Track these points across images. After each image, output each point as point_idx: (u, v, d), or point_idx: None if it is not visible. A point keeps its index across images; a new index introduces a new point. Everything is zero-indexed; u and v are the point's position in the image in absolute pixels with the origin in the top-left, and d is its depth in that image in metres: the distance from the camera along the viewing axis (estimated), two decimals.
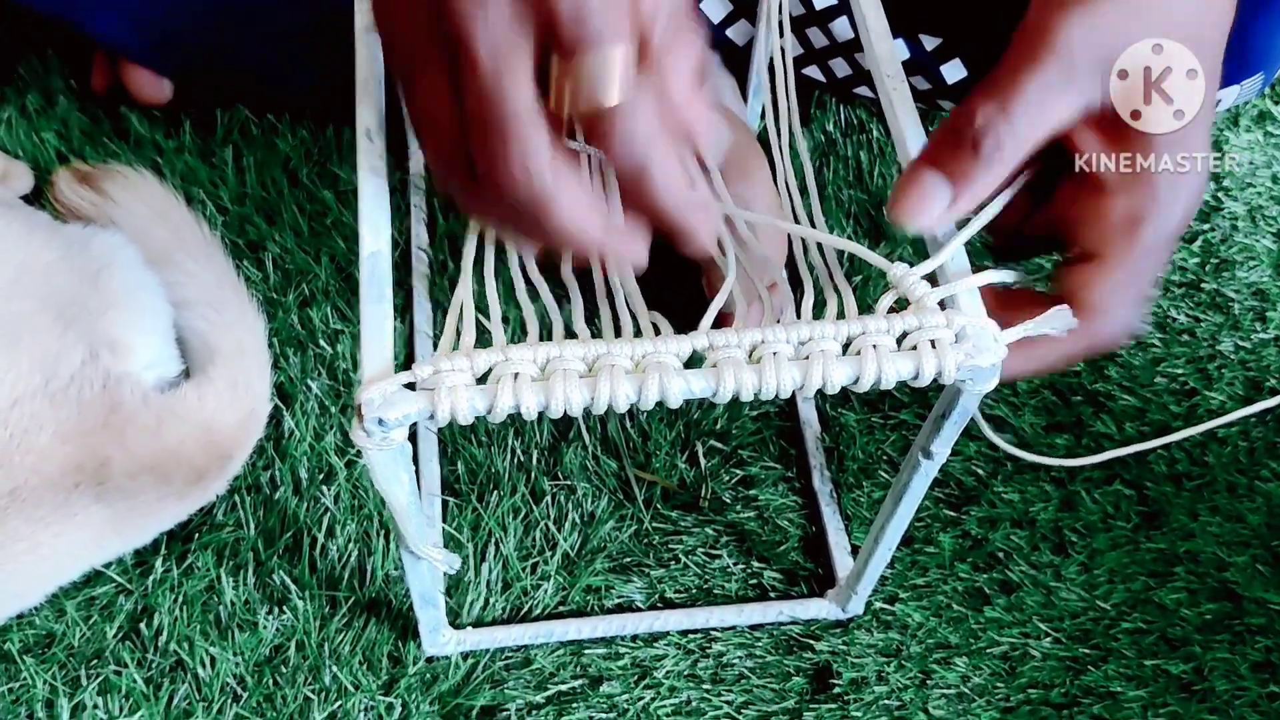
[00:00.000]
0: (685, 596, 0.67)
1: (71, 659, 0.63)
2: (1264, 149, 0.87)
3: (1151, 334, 0.77)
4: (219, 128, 0.82)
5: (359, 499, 0.68)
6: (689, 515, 0.70)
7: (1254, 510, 0.71)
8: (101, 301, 0.64)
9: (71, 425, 0.59)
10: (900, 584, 0.68)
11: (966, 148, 0.45)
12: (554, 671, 0.64)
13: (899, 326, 0.44)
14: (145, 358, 0.64)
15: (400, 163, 0.82)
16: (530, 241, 0.44)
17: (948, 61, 0.77)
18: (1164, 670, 0.66)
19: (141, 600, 0.65)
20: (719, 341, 0.44)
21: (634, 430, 0.72)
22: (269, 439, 0.69)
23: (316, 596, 0.65)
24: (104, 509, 0.60)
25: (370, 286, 0.45)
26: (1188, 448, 0.73)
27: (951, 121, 0.46)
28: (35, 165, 0.79)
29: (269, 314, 0.73)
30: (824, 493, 0.70)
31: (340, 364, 0.72)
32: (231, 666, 0.63)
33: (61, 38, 0.85)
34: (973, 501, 0.70)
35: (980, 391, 0.46)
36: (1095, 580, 0.68)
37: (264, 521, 0.67)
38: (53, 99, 0.83)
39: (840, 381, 0.44)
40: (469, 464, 0.70)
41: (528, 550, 0.68)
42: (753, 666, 0.65)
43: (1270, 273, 0.81)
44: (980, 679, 0.65)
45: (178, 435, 0.62)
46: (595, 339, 0.44)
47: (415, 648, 0.64)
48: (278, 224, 0.78)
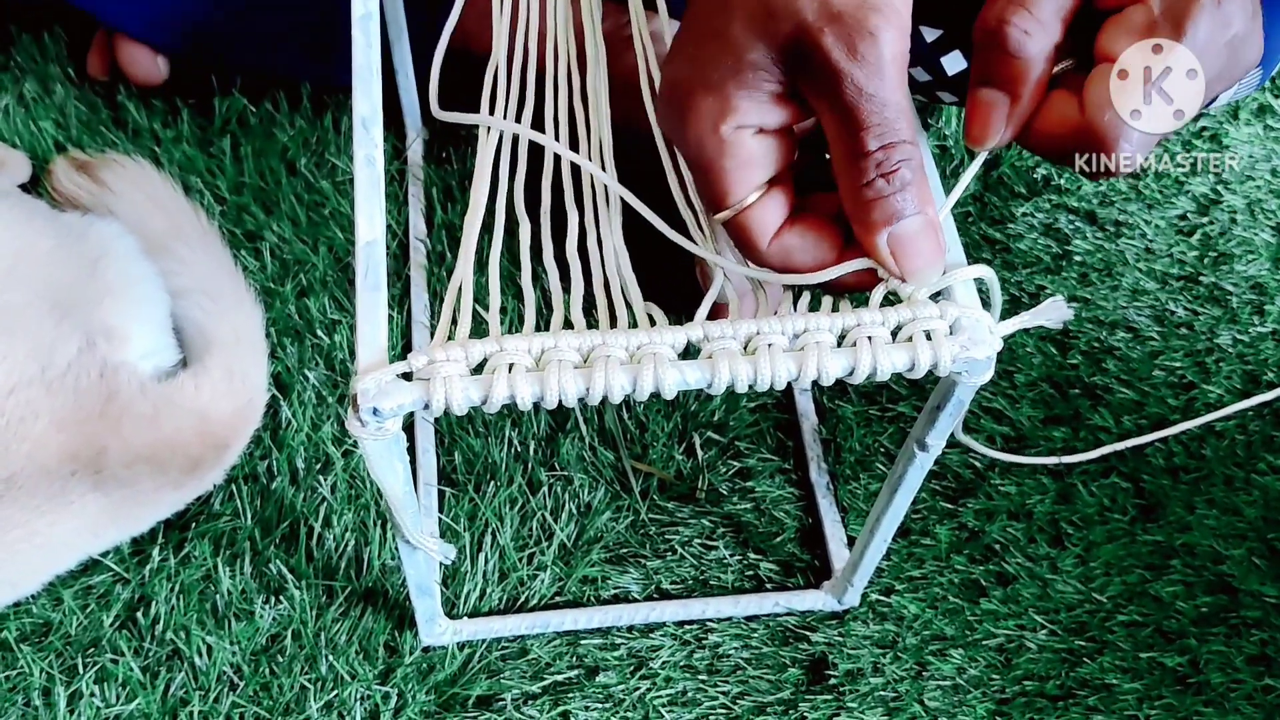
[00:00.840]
0: (681, 587, 0.67)
1: (68, 647, 0.63)
2: (1264, 143, 0.87)
3: (1149, 327, 0.77)
4: (217, 117, 0.82)
5: (356, 489, 0.68)
6: (685, 506, 0.70)
7: (1251, 503, 0.71)
8: (98, 290, 0.64)
9: (68, 413, 0.59)
10: (896, 576, 0.68)
11: (998, 52, 0.46)
12: (550, 662, 0.64)
13: (894, 319, 0.44)
14: (142, 346, 0.64)
15: (399, 153, 0.81)
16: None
17: (948, 53, 0.76)
18: (1159, 663, 0.66)
19: (138, 589, 0.65)
20: (714, 333, 0.44)
21: (631, 421, 0.72)
22: (266, 428, 0.69)
23: (313, 586, 0.65)
24: (100, 498, 0.60)
25: (366, 275, 0.45)
26: (1185, 441, 0.73)
27: (976, 38, 0.47)
28: (33, 154, 0.79)
29: (266, 304, 0.73)
30: (820, 484, 0.70)
31: (338, 354, 0.72)
32: (228, 655, 0.63)
33: (57, 22, 0.85)
34: (969, 494, 0.70)
35: (976, 384, 0.46)
36: (1091, 573, 0.68)
37: (261, 511, 0.67)
38: (50, 87, 0.83)
39: (835, 373, 0.44)
40: (466, 454, 0.70)
41: (524, 541, 0.68)
42: (749, 657, 0.65)
43: (1269, 266, 0.81)
44: (976, 671, 0.65)
45: (174, 424, 0.62)
46: (591, 329, 0.44)
47: (412, 637, 0.64)
48: (275, 213, 0.78)
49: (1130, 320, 0.78)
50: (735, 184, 0.46)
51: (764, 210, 0.46)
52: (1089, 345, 0.76)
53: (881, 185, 0.43)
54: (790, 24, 0.43)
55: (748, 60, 0.44)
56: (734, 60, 0.44)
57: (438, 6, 0.73)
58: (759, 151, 0.46)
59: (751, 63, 0.44)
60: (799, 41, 0.43)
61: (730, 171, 0.45)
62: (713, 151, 0.45)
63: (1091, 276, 0.80)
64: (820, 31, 0.43)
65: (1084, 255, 0.80)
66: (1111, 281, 0.79)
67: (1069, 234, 0.81)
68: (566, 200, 0.52)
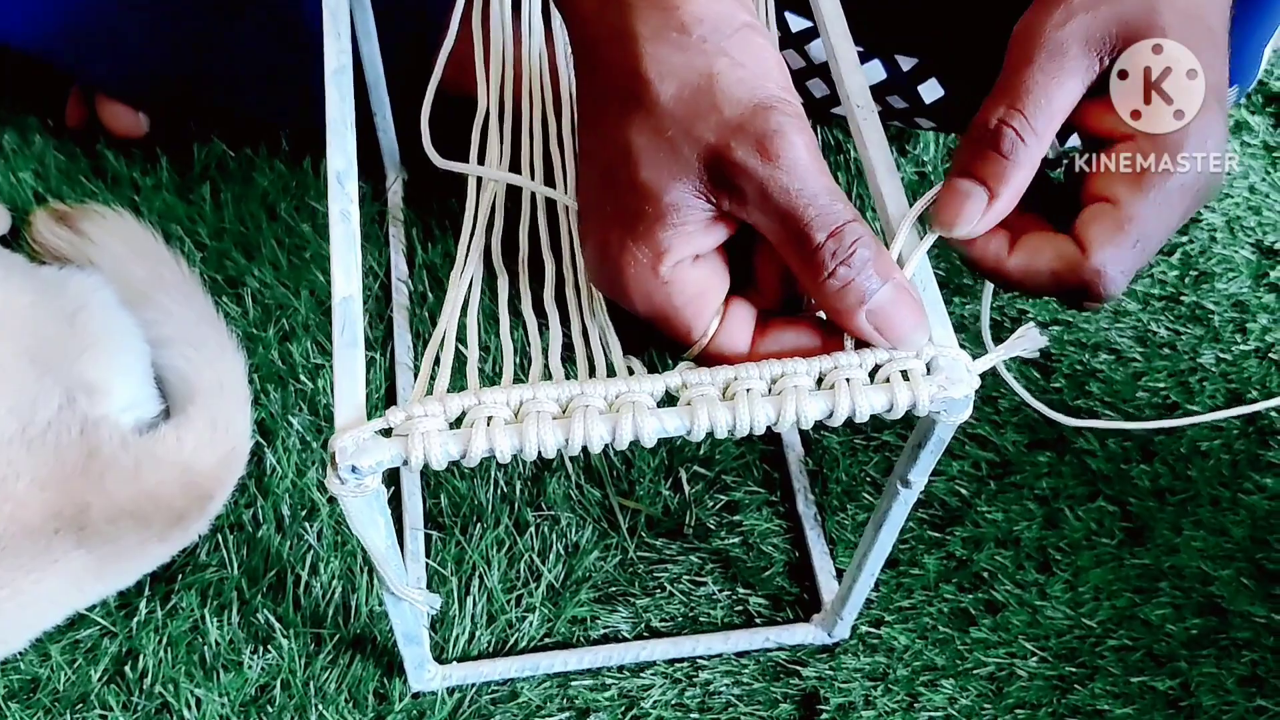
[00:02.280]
0: (671, 625, 0.67)
1: (57, 704, 0.63)
2: (1241, 159, 0.87)
3: (1132, 348, 0.78)
4: (196, 163, 0.82)
5: (342, 535, 0.68)
6: (674, 543, 0.70)
7: (1238, 523, 0.71)
8: (78, 344, 0.64)
9: (49, 471, 0.59)
10: (885, 607, 0.68)
11: (989, 150, 0.47)
12: (541, 704, 0.64)
13: (870, 360, 0.44)
14: (123, 399, 0.64)
15: (379, 194, 0.82)
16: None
17: (924, 82, 0.77)
18: (1151, 687, 0.66)
19: (126, 642, 0.64)
20: (692, 380, 0.44)
21: (617, 458, 0.72)
22: (251, 476, 0.69)
23: (301, 634, 0.65)
24: (85, 554, 0.60)
25: (343, 332, 0.45)
26: (1171, 463, 0.73)
27: (970, 133, 0.48)
28: (12, 205, 0.79)
29: (249, 349, 0.73)
30: (808, 516, 0.70)
31: (321, 399, 0.72)
32: (217, 708, 0.63)
33: (35, 73, 0.85)
34: (956, 522, 0.70)
35: (955, 421, 0.46)
36: (1080, 598, 0.68)
37: (247, 560, 0.67)
38: (29, 138, 0.83)
39: (814, 416, 0.44)
40: (452, 497, 0.69)
41: (512, 582, 0.68)
42: (740, 694, 0.65)
43: (1249, 284, 0.81)
44: (967, 700, 0.65)
45: (157, 478, 0.62)
46: (569, 380, 0.44)
47: (401, 684, 0.64)
48: (256, 259, 0.78)
49: (1112, 342, 0.78)
50: (694, 318, 0.46)
51: (730, 332, 0.46)
52: (1071, 369, 0.76)
53: (844, 272, 0.43)
54: (696, 152, 0.43)
55: (666, 204, 0.43)
56: (652, 206, 0.44)
57: (414, 50, 0.73)
58: (703, 276, 0.46)
59: (671, 204, 0.44)
60: (711, 165, 0.43)
61: (683, 309, 0.45)
62: (661, 297, 0.45)
63: None
64: (727, 148, 0.43)
65: None
66: None
67: None
68: (543, 248, 0.52)
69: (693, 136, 0.43)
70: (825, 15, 0.54)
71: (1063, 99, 0.48)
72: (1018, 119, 0.47)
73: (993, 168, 0.47)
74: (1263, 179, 0.86)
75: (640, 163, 0.44)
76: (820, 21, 0.54)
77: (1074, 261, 0.48)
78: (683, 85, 0.43)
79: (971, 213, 0.47)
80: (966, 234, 0.48)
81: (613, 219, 0.45)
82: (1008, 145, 0.47)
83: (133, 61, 0.79)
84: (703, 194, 0.44)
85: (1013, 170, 0.47)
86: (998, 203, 0.47)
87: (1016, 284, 0.49)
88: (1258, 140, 0.88)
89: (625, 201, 0.44)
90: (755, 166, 0.43)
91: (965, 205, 0.47)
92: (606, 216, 0.45)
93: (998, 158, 0.47)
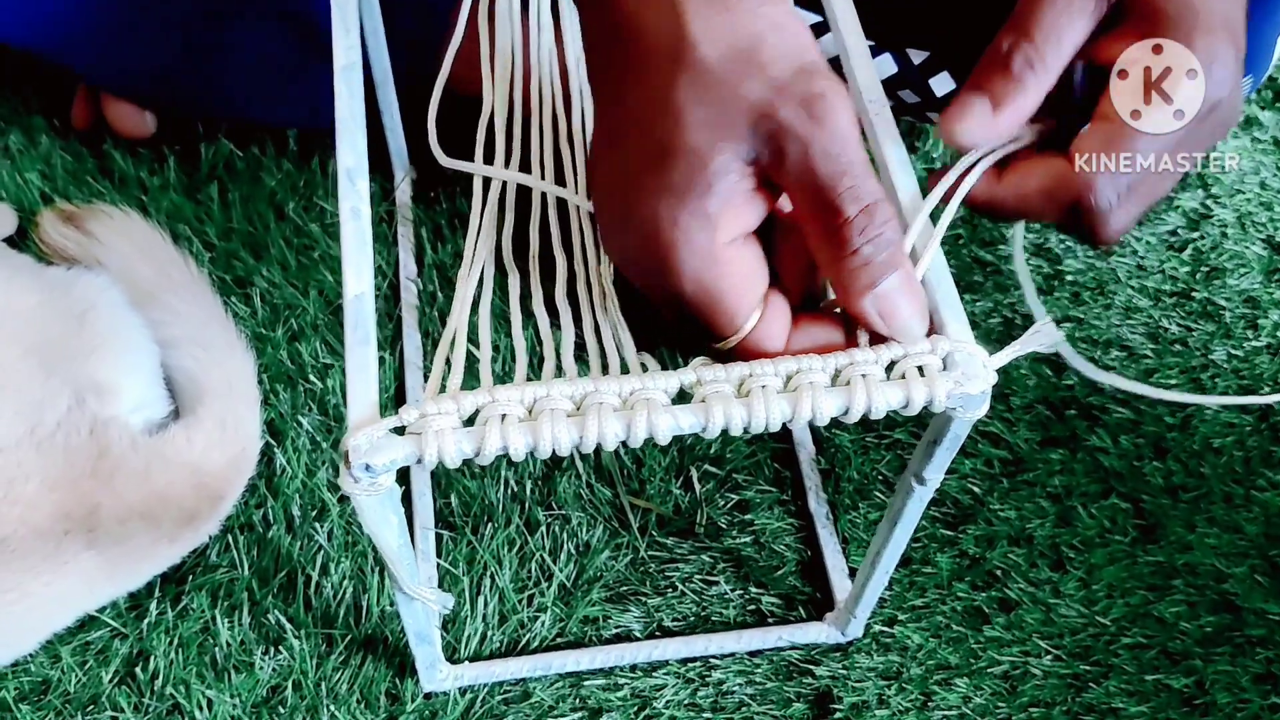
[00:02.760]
0: (683, 624, 0.67)
1: (68, 705, 0.62)
2: (1251, 155, 0.87)
3: (1143, 345, 0.77)
4: (203, 163, 0.82)
5: (352, 535, 0.68)
6: (685, 542, 0.69)
7: (1251, 520, 0.70)
8: (86, 344, 0.64)
9: (59, 473, 0.59)
10: (899, 605, 0.67)
11: (999, 71, 0.49)
12: (553, 704, 0.64)
13: (887, 356, 0.44)
14: (132, 400, 0.64)
15: (387, 193, 0.81)
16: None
17: (936, 75, 0.77)
18: (1165, 685, 0.65)
19: (137, 644, 0.64)
20: (707, 376, 0.44)
21: (628, 457, 0.71)
22: (261, 476, 0.69)
23: (312, 635, 0.65)
24: (95, 555, 0.60)
25: (355, 330, 0.45)
26: (1184, 459, 0.72)
27: (985, 55, 0.50)
28: (19, 206, 0.79)
29: (258, 350, 0.72)
30: (820, 515, 0.70)
31: (331, 398, 0.72)
32: (229, 709, 0.62)
33: (41, 73, 0.85)
34: (970, 520, 0.70)
35: (972, 418, 0.46)
36: (1094, 596, 0.68)
37: (258, 560, 0.67)
38: (35, 138, 0.83)
39: (830, 413, 0.43)
40: (462, 496, 0.69)
41: (523, 582, 0.67)
42: (753, 694, 0.65)
43: (1261, 279, 0.81)
44: (981, 699, 0.65)
45: (167, 478, 0.62)
46: (582, 377, 0.44)
47: (413, 684, 0.63)
48: (265, 259, 0.78)
49: (1124, 339, 0.78)
50: (738, 304, 0.44)
51: (770, 325, 0.45)
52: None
53: (868, 251, 0.43)
54: (744, 112, 0.42)
55: (713, 170, 0.43)
56: (700, 173, 0.43)
57: (421, 49, 0.73)
58: (752, 259, 0.45)
59: (716, 171, 0.43)
60: (757, 125, 0.42)
61: (729, 292, 0.44)
62: (711, 277, 0.44)
63: (1084, 296, 0.79)
64: (774, 107, 0.42)
65: (1075, 275, 0.80)
66: (1104, 300, 0.79)
67: (1060, 254, 0.81)
68: (554, 245, 0.52)
69: (740, 96, 0.42)
70: (836, 9, 0.53)
71: (1071, 35, 0.49)
72: (1029, 47, 0.49)
73: (1000, 86, 0.49)
74: (1274, 174, 0.86)
75: (688, 125, 0.43)
76: (831, 15, 0.54)
77: (1063, 174, 0.49)
78: (729, 47, 0.43)
79: (975, 122, 0.49)
80: (968, 142, 0.50)
81: (656, 190, 0.43)
82: (1018, 68, 0.49)
83: (139, 60, 0.78)
84: (747, 160, 0.43)
85: (1019, 92, 0.49)
86: (1001, 118, 0.49)
87: (1012, 210, 0.50)
88: (1268, 136, 0.88)
89: (670, 169, 0.43)
90: (802, 126, 0.42)
91: (970, 114, 0.49)
92: (648, 189, 0.43)
93: (1006, 78, 0.49)
